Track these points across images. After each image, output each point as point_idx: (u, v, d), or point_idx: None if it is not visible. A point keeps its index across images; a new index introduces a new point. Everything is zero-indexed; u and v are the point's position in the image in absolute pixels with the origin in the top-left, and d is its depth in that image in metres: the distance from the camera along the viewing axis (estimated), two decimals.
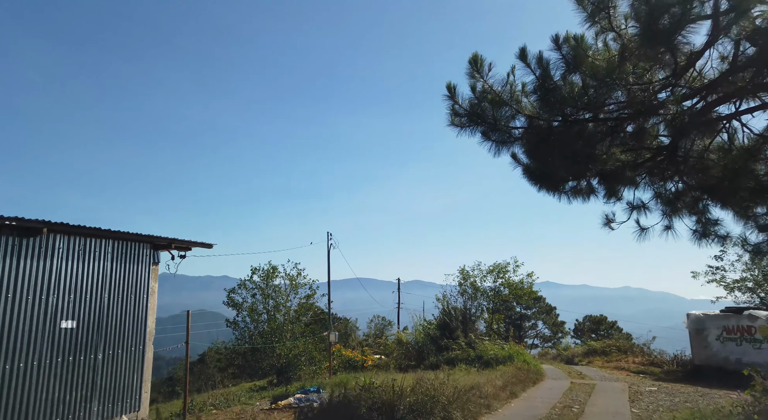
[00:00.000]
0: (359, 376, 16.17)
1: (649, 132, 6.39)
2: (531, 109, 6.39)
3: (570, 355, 24.79)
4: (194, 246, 7.87)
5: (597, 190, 7.38)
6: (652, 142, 6.55)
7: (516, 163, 7.14)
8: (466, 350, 18.16)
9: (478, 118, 6.48)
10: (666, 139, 6.52)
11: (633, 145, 6.68)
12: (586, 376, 16.50)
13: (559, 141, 6.21)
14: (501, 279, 22.03)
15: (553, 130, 6.32)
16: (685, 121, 5.29)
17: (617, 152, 6.73)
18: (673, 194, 6.79)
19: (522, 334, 56.63)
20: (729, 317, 16.45)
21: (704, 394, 13.18)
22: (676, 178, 6.71)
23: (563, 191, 7.36)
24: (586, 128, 6.20)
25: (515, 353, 17.15)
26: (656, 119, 6.38)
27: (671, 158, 6.46)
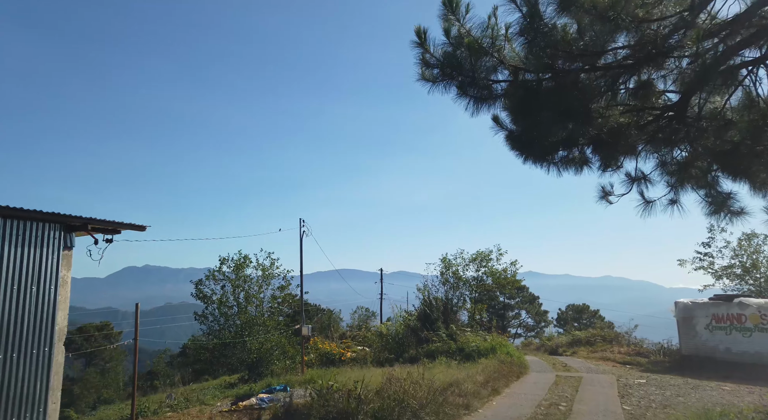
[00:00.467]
0: (333, 372, 15.15)
1: (654, 88, 5.37)
2: (516, 59, 5.31)
3: (554, 346, 24.16)
4: (122, 228, 6.66)
5: (591, 160, 6.37)
6: (657, 100, 5.54)
7: (498, 128, 6.08)
8: (447, 342, 17.26)
9: (453, 69, 5.37)
10: (674, 97, 5.51)
11: (635, 106, 5.66)
12: (571, 369, 15.76)
13: (548, 97, 5.15)
14: (484, 268, 21.20)
15: (541, 84, 5.26)
16: (705, 65, 4.25)
17: (616, 114, 5.71)
18: (680, 163, 5.80)
19: (505, 324, 56.36)
20: (718, 305, 15.83)
21: (695, 387, 12.48)
22: (685, 143, 5.71)
23: (552, 161, 6.33)
24: (581, 81, 5.15)
25: (498, 345, 16.30)
26: (663, 72, 5.36)
27: (680, 119, 5.45)
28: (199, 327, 20.84)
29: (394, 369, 15.07)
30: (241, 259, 20.30)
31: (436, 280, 21.65)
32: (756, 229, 17.19)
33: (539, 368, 15.61)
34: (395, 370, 14.40)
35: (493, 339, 17.06)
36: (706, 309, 16.11)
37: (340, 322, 56.38)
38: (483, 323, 20.80)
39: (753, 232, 18.27)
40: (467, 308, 21.69)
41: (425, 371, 13.94)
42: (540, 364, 16.79)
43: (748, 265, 17.88)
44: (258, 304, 19.90)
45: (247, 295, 20.08)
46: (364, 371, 14.50)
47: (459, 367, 14.49)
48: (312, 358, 20.55)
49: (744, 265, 17.98)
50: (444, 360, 15.99)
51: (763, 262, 17.63)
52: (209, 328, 20.15)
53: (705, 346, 15.87)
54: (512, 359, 15.03)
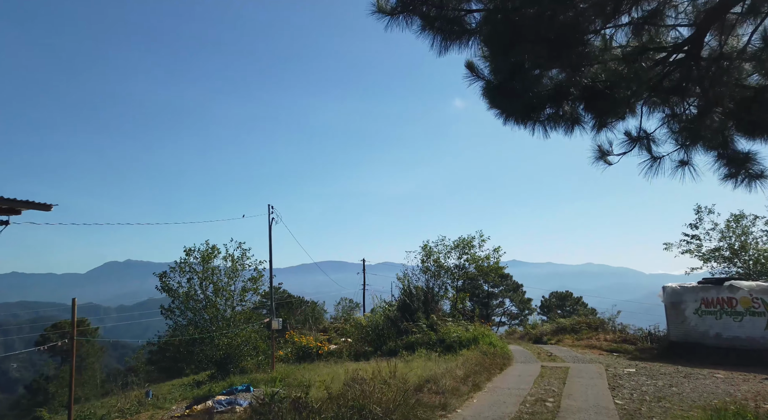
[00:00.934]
0: (304, 369, 14.10)
1: (663, 18, 4.35)
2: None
3: (538, 334, 23.51)
4: (22, 207, 5.46)
5: (583, 118, 5.36)
6: (666, 37, 4.53)
7: (473, 77, 5.00)
8: (427, 333, 16.36)
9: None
10: (686, 32, 4.50)
11: (638, 47, 4.64)
12: (557, 358, 15.00)
13: (532, 26, 4.08)
14: (466, 255, 20.34)
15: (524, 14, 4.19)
16: None
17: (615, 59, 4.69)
18: (691, 118, 4.81)
19: (489, 313, 56.05)
20: (708, 289, 15.20)
21: (687, 375, 11.78)
22: (696, 92, 4.72)
23: (538, 119, 5.29)
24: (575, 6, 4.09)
25: (480, 335, 15.45)
26: None
27: (692, 60, 4.45)
28: (166, 322, 19.57)
29: (369, 363, 14.10)
30: (209, 250, 19.01)
31: (416, 268, 20.74)
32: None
33: (523, 359, 14.81)
34: (369, 365, 13.43)
35: (475, 329, 16.21)
36: (695, 293, 15.47)
37: (325, 314, 55.37)
38: (465, 312, 19.97)
39: (741, 213, 17.69)
40: (449, 297, 20.82)
41: (403, 365, 13.02)
42: (524, 354, 16.01)
43: (736, 247, 17.31)
44: (228, 298, 18.68)
45: (216, 288, 18.84)
46: (337, 367, 13.51)
47: (439, 360, 13.61)
48: (289, 352, 19.49)
49: (732, 247, 17.41)
50: (424, 352, 15.10)
51: (752, 243, 17.08)
52: (176, 323, 18.89)
53: (694, 332, 15.26)
54: (495, 350, 14.19)
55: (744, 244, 17.23)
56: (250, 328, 19.34)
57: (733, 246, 17.52)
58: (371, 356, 17.00)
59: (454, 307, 20.32)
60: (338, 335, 24.55)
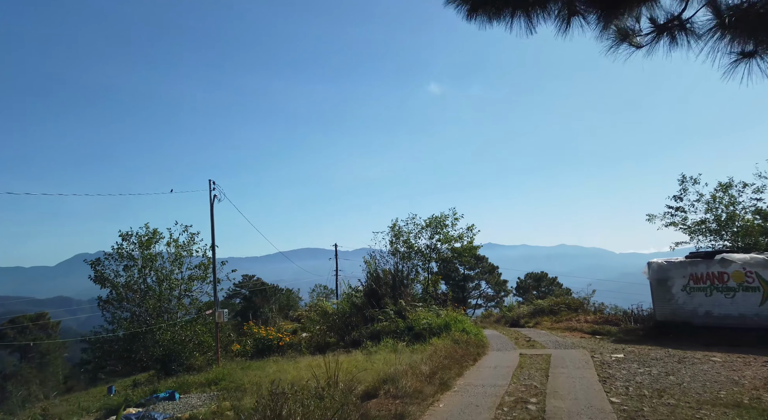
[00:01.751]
0: (251, 367, 12.29)
1: None
2: None
3: (515, 317, 22.27)
4: None
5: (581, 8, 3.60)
6: None
7: None
8: (395, 321, 14.75)
9: None
10: None
11: None
12: (536, 343, 13.60)
13: None
14: (439, 234, 18.76)
15: None
16: None
17: None
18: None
19: (466, 296, 55.25)
20: (697, 263, 14.00)
21: (681, 360, 10.49)
22: None
23: (519, 6, 3.50)
24: None
25: (452, 321, 13.93)
26: None
27: None
28: (103, 314, 17.39)
29: (326, 358, 12.39)
30: (149, 234, 16.81)
31: (385, 250, 19.06)
32: None
33: (500, 345, 13.35)
34: (324, 360, 11.71)
35: (447, 314, 14.68)
36: (682, 268, 14.27)
37: (300, 301, 53.47)
38: (438, 296, 18.47)
39: (730, 181, 16.52)
40: (420, 281, 19.25)
41: (363, 359, 11.34)
42: (501, 340, 14.57)
43: (723, 218, 16.21)
44: (172, 287, 16.60)
45: (159, 277, 16.72)
46: (289, 364, 11.74)
47: (406, 351, 11.99)
48: (247, 345, 17.64)
49: (719, 219, 16.29)
50: (390, 342, 13.50)
51: (740, 214, 15.99)
52: (113, 316, 16.73)
53: (682, 310, 14.09)
54: (468, 337, 12.67)
55: (732, 215, 16.12)
56: (201, 320, 17.40)
57: (720, 217, 16.41)
58: (335, 348, 15.34)
59: (425, 291, 18.78)
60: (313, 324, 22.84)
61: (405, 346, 13.06)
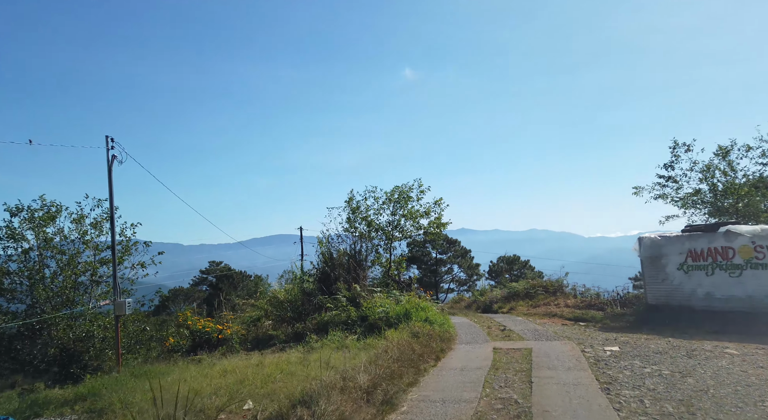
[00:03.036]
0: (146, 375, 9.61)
1: None
2: None
3: (488, 301, 20.22)
4: None
5: None
6: None
7: None
8: (346, 309, 12.32)
9: None
10: None
11: None
12: (513, 333, 11.43)
13: None
14: (402, 209, 16.33)
15: None
16: None
17: None
18: None
19: (438, 280, 53.60)
20: (696, 238, 12.05)
21: (690, 353, 8.46)
22: None
23: None
24: None
25: (414, 309, 11.60)
26: None
27: None
28: None
29: (249, 359, 9.89)
30: (46, 209, 13.73)
31: (341, 228, 16.53)
32: None
33: (470, 337, 11.11)
34: (246, 362, 9.19)
35: (408, 301, 12.33)
36: (679, 244, 12.31)
37: (268, 288, 50.37)
38: (402, 281, 16.16)
39: (732, 143, 14.64)
40: (382, 263, 16.85)
41: (297, 360, 8.88)
42: (471, 330, 12.36)
43: (720, 188, 14.38)
44: (76, 273, 13.65)
45: (62, 264, 13.71)
46: (206, 369, 9.16)
47: (354, 348, 9.60)
48: (182, 340, 14.93)
49: (715, 188, 14.43)
50: (339, 335, 11.09)
51: (742, 181, 14.14)
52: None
53: (678, 292, 12.17)
54: (432, 329, 10.35)
55: (732, 184, 14.24)
56: (94, 315, 14.52)
57: (716, 187, 14.55)
58: (276, 342, 12.83)
59: (387, 274, 16.42)
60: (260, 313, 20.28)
61: (356, 339, 10.70)
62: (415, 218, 16.28)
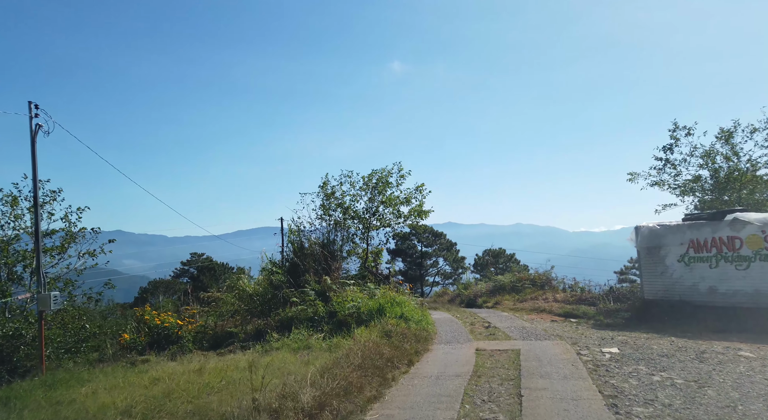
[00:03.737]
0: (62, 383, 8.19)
1: None
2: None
3: (472, 295, 19.12)
4: None
5: None
6: None
7: None
8: (314, 304, 11.02)
9: None
10: None
11: None
12: (498, 331, 10.26)
13: None
14: (381, 195, 14.96)
15: None
16: None
17: None
18: None
19: (423, 273, 52.58)
20: (699, 227, 10.99)
21: (701, 356, 7.36)
22: None
23: None
24: None
25: (388, 304, 10.35)
26: None
27: None
28: None
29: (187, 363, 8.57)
30: None
31: (314, 216, 15.17)
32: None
33: (450, 335, 9.91)
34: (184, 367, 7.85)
35: (383, 295, 11.09)
36: (680, 233, 11.24)
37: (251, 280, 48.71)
38: (379, 273, 14.90)
39: (735, 124, 13.55)
40: (359, 254, 15.56)
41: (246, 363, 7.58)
42: (452, 327, 11.17)
43: (722, 175, 13.36)
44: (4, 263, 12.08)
45: None
46: (132, 376, 7.78)
47: (317, 349, 8.35)
48: (141, 336, 13.48)
49: (717, 175, 13.39)
50: (303, 334, 9.81)
51: (746, 167, 13.11)
52: None
53: (679, 286, 11.12)
54: (407, 327, 9.13)
55: (736, 170, 13.20)
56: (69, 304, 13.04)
57: (718, 173, 13.50)
58: (235, 340, 11.49)
59: (363, 266, 15.13)
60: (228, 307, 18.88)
61: (322, 338, 9.43)
62: (394, 205, 14.99)
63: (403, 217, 15.28)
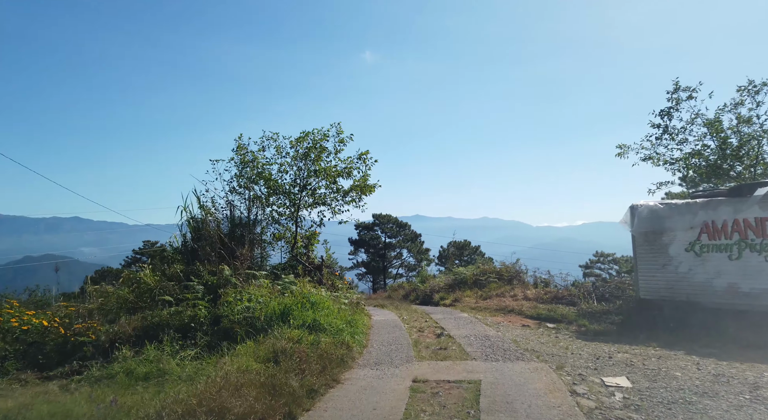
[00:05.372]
0: None
1: None
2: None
3: (428, 290, 16.30)
4: None
5: None
6: None
7: None
8: (194, 304, 7.78)
9: None
10: None
11: None
12: (452, 345, 7.33)
13: None
14: (315, 164, 11.68)
15: None
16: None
17: None
18: None
19: (386, 265, 49.86)
20: (717, 206, 8.39)
21: (759, 396, 4.64)
22: None
23: None
24: None
25: (297, 305, 7.24)
26: None
27: None
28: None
29: None
30: None
31: (228, 189, 11.79)
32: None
33: (383, 352, 6.91)
34: None
35: (293, 293, 7.97)
36: (690, 214, 8.63)
37: None
38: (310, 262, 11.76)
39: (750, 83, 10.98)
40: (287, 238, 12.34)
41: None
42: (391, 336, 8.19)
43: (734, 145, 10.84)
44: None
45: None
46: None
47: (172, 380, 5.18)
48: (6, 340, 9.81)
49: (723, 145, 10.83)
50: (167, 349, 6.59)
51: (762, 137, 10.60)
52: None
53: (686, 283, 8.53)
54: (313, 343, 6.05)
55: (752, 138, 10.67)
56: None
57: (725, 142, 10.94)
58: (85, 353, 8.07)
59: (291, 254, 11.94)
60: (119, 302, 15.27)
61: (193, 357, 6.27)
62: (332, 177, 11.83)
63: (342, 192, 12.13)
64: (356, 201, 12.27)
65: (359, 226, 47.21)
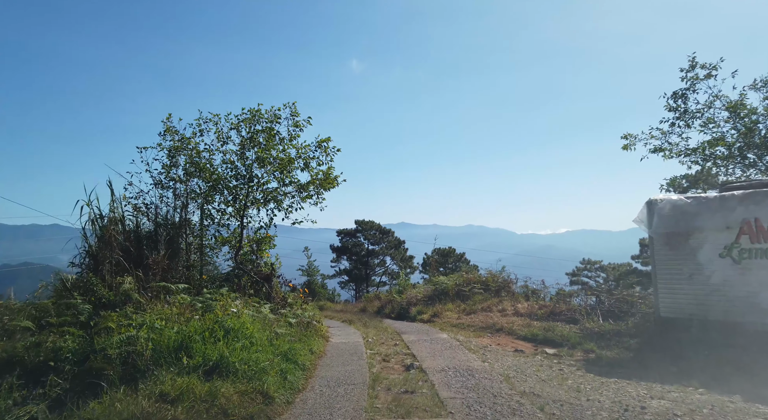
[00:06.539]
0: None
1: None
2: None
3: (405, 303, 14.27)
4: None
5: None
6: None
7: None
8: (68, 332, 5.60)
9: None
10: None
11: None
12: (422, 386, 5.32)
13: None
14: (265, 153, 9.64)
15: None
16: None
17: None
18: None
19: (369, 273, 47.79)
20: (762, 198, 6.59)
21: None
22: None
23: None
24: None
25: (206, 334, 5.13)
26: None
27: None
28: None
29: None
30: None
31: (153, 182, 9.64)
32: None
33: (316, 407, 4.85)
34: None
35: (211, 315, 5.87)
36: (725, 210, 6.81)
37: None
38: (259, 273, 9.67)
39: None
40: (227, 239, 10.22)
41: None
42: (342, 371, 6.13)
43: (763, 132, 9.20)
44: None
45: None
46: None
47: None
48: None
49: (748, 133, 9.16)
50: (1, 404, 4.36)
51: None
52: None
53: (721, 298, 6.68)
54: (213, 395, 3.97)
55: None
56: None
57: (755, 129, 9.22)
58: None
59: (235, 261, 9.83)
60: None
61: (30, 417, 4.11)
62: (285, 169, 9.78)
63: (298, 186, 10.06)
64: (316, 197, 10.21)
65: (341, 232, 45.23)
